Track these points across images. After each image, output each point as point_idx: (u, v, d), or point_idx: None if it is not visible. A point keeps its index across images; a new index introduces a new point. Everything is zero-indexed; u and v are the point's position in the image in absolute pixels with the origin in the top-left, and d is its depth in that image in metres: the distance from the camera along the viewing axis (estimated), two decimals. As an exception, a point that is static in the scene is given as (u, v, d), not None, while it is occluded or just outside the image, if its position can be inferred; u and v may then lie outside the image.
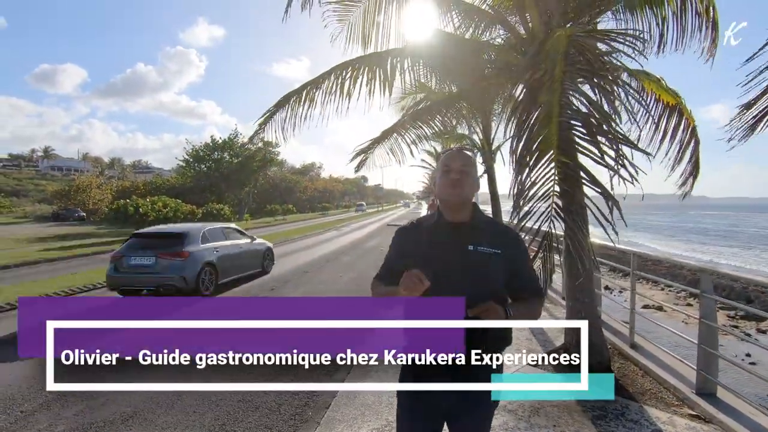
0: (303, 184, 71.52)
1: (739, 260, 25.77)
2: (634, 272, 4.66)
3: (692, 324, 8.52)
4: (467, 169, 1.59)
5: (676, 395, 3.48)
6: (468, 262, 1.52)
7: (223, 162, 43.02)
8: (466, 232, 1.58)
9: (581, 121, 2.83)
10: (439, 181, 1.64)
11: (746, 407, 3.14)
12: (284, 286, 9.07)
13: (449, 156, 1.64)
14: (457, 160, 1.60)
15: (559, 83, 2.74)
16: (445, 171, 1.60)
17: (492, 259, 1.53)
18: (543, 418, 3.16)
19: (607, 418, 3.14)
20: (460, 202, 1.58)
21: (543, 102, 2.78)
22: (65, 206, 41.42)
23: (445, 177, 1.59)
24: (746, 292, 12.20)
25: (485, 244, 1.54)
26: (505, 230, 1.67)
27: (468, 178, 1.59)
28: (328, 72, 4.52)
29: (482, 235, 1.57)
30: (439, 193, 1.62)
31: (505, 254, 1.55)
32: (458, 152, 1.65)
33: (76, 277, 10.25)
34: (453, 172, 1.57)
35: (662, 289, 13.49)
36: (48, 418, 3.47)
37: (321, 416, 3.33)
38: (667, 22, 3.71)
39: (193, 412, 3.53)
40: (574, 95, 2.89)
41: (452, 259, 1.53)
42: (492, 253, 1.54)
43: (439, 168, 1.65)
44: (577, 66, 2.86)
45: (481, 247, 1.54)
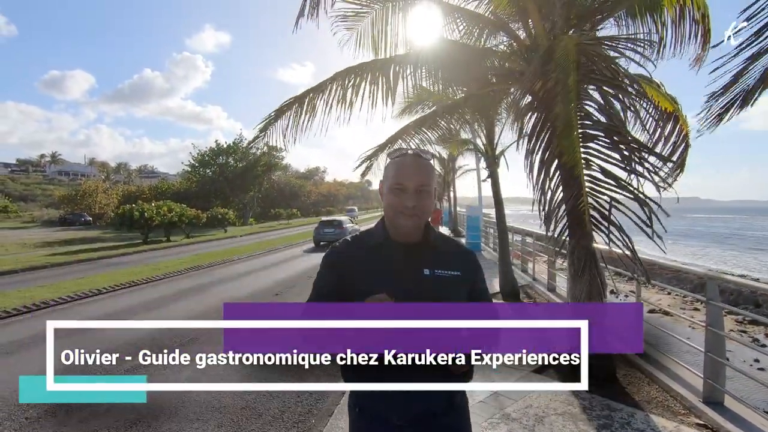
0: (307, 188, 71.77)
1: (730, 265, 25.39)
2: (639, 278, 4.62)
3: (699, 329, 8.41)
4: (427, 188, 1.25)
5: (682, 404, 3.44)
6: (426, 289, 1.25)
7: (227, 166, 43.33)
8: (421, 254, 1.30)
9: (603, 130, 2.81)
10: (387, 199, 1.27)
11: (755, 417, 3.09)
12: (289, 291, 9.08)
13: (401, 167, 1.26)
14: (412, 177, 1.24)
15: (575, 93, 2.72)
16: (396, 188, 1.25)
17: (452, 283, 1.29)
18: (547, 427, 3.13)
19: (612, 427, 3.11)
20: (415, 230, 1.29)
21: (559, 114, 2.74)
22: (72, 211, 41.81)
23: (397, 197, 1.25)
24: (755, 296, 12.04)
25: (443, 266, 1.29)
26: (462, 249, 1.41)
27: (427, 201, 1.25)
28: (331, 78, 4.54)
29: (439, 255, 1.31)
30: (389, 217, 1.30)
31: (465, 276, 1.31)
32: (414, 161, 1.27)
33: (81, 282, 10.31)
34: (408, 194, 1.23)
35: (668, 294, 13.36)
36: (52, 425, 3.49)
37: (324, 424, 3.32)
38: (666, 28, 3.71)
39: (197, 419, 3.54)
40: (590, 105, 2.88)
41: (407, 288, 1.24)
42: (452, 277, 1.29)
43: (388, 180, 1.28)
44: (590, 75, 2.85)
45: (439, 270, 1.28)
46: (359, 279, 1.28)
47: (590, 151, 2.79)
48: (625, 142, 2.73)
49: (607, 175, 2.78)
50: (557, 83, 2.73)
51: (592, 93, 2.97)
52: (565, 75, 2.72)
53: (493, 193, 10.27)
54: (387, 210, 1.29)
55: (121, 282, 10.17)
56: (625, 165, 2.72)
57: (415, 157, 1.28)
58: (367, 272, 1.28)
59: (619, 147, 2.72)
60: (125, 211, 21.78)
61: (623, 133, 2.75)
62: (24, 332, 6.27)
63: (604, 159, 2.80)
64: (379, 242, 1.32)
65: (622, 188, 2.74)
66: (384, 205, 1.30)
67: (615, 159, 2.76)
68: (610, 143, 2.75)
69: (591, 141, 2.78)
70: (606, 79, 2.79)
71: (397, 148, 1.41)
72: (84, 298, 8.69)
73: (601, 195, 2.79)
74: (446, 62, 4.08)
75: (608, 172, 2.79)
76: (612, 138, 2.75)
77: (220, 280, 10.60)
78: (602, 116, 2.88)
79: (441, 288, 1.26)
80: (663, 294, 13.42)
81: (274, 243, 21.02)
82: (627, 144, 2.73)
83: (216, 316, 7.00)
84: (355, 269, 1.30)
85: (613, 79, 2.75)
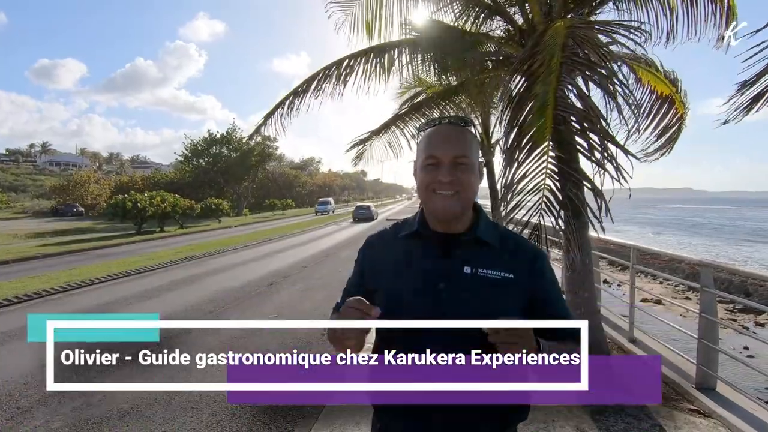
0: (302, 178, 71.45)
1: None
2: (634, 266, 4.64)
3: (690, 317, 8.53)
4: (466, 160, 1.01)
5: (675, 390, 3.47)
6: (463, 293, 1.01)
7: (221, 157, 42.98)
8: (463, 247, 1.05)
9: (576, 115, 2.80)
10: (420, 178, 1.06)
11: (746, 402, 3.13)
12: (283, 282, 9.06)
13: (433, 138, 1.05)
14: (446, 147, 1.01)
15: (555, 75, 2.69)
16: (429, 163, 1.03)
17: (500, 287, 1.02)
18: (541, 413, 3.15)
19: (606, 413, 3.13)
20: (456, 214, 1.04)
21: (538, 93, 2.72)
22: (64, 201, 41.39)
23: (430, 173, 1.02)
24: (745, 285, 12.21)
25: (491, 265, 1.03)
26: (523, 246, 1.11)
27: (469, 175, 1.02)
28: (328, 66, 4.47)
29: (486, 251, 1.05)
30: (423, 200, 1.07)
31: (520, 280, 1.04)
32: (449, 130, 1.05)
33: (73, 273, 10.22)
34: (443, 168, 1.00)
35: (660, 283, 13.50)
36: (45, 415, 3.45)
37: (319, 411, 3.31)
38: (677, 11, 3.62)
39: (190, 408, 3.52)
40: (570, 89, 2.86)
41: (438, 288, 1.02)
42: (500, 279, 1.02)
43: (420, 154, 1.07)
44: (574, 59, 2.82)
45: (483, 270, 1.02)
46: (384, 275, 1.09)
47: (561, 134, 2.80)
48: (595, 131, 2.74)
49: (570, 161, 2.82)
50: (541, 65, 2.72)
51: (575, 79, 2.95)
52: (549, 56, 2.71)
53: (489, 184, 10.26)
54: (420, 191, 1.06)
55: (115, 272, 10.09)
56: (588, 154, 2.74)
57: (450, 126, 1.05)
58: (394, 268, 1.08)
59: (587, 134, 2.73)
60: (118, 201, 21.57)
61: (594, 121, 2.74)
62: (14, 323, 6.20)
63: (571, 144, 2.84)
64: (413, 231, 1.09)
65: (582, 177, 2.80)
66: (417, 186, 1.09)
67: (581, 146, 2.79)
68: (580, 129, 2.76)
69: (562, 124, 2.78)
70: (588, 63, 2.76)
71: (431, 118, 1.18)
72: (76, 288, 8.61)
73: (559, 179, 2.82)
74: (441, 47, 4.02)
75: (571, 158, 2.84)
76: (582, 124, 2.75)
77: (215, 270, 10.55)
78: (578, 101, 2.88)
79: (483, 292, 1.01)
80: (655, 283, 13.57)
81: (267, 233, 20.95)
82: (596, 132, 2.73)
83: (209, 306, 6.98)
84: (381, 263, 1.11)
85: (596, 64, 2.72)
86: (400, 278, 1.06)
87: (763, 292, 11.86)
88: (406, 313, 1.01)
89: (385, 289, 1.07)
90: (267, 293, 7.92)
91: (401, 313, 1.01)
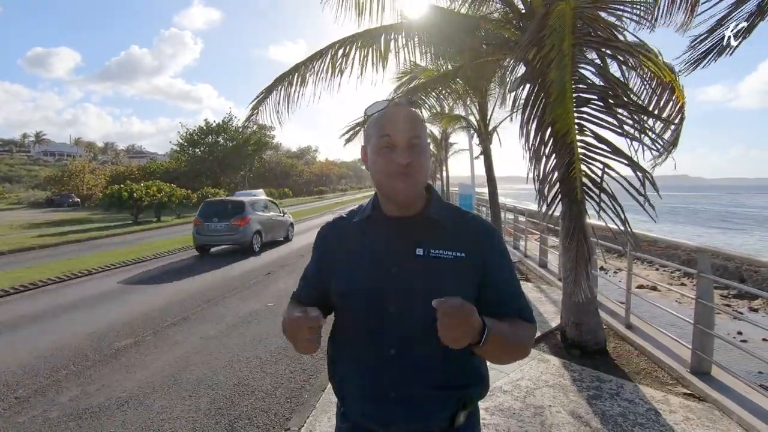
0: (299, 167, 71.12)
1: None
2: (631, 252, 4.65)
3: (686, 303, 8.59)
4: (420, 141, 0.99)
5: (670, 374, 3.50)
6: (415, 275, 0.99)
7: (217, 146, 42.66)
8: (414, 229, 1.04)
9: (597, 93, 2.70)
10: (375, 162, 1.01)
11: (740, 385, 3.15)
12: (281, 270, 9.05)
13: (385, 119, 1.00)
14: (401, 127, 0.98)
15: (569, 58, 2.59)
16: (383, 145, 0.98)
17: (453, 266, 1.00)
18: (538, 398, 3.17)
19: (602, 398, 3.15)
20: (414, 196, 1.02)
21: (553, 80, 2.62)
22: (59, 192, 41.13)
23: (385, 156, 0.98)
24: (739, 271, 12.31)
25: (442, 244, 1.01)
26: (473, 223, 1.08)
27: (423, 157, 0.99)
28: (322, 51, 4.37)
29: (438, 231, 1.03)
30: (379, 185, 1.03)
31: (473, 258, 1.01)
32: (400, 111, 1.01)
33: (70, 263, 10.18)
34: (398, 149, 0.97)
35: (657, 269, 13.59)
36: (42, 404, 3.45)
37: (317, 399, 3.33)
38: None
39: (189, 396, 3.53)
40: (586, 68, 2.77)
41: (391, 271, 1.00)
42: (453, 259, 1.00)
43: (371, 138, 1.02)
44: (587, 38, 2.74)
45: (436, 251, 1.01)
46: (338, 261, 1.09)
47: (583, 116, 2.68)
48: (621, 104, 2.63)
49: (600, 141, 2.66)
50: (552, 49, 2.61)
51: (588, 56, 2.86)
52: (560, 40, 2.60)
53: (486, 170, 10.21)
54: (376, 176, 1.02)
55: (112, 262, 10.06)
56: (619, 129, 2.62)
57: (400, 107, 1.02)
58: (347, 253, 1.08)
59: (613, 110, 2.62)
60: (114, 191, 21.42)
61: (619, 95, 2.64)
62: (11, 314, 6.19)
63: (598, 123, 2.68)
64: (366, 216, 1.08)
65: (616, 153, 2.63)
66: (372, 172, 1.03)
67: (609, 123, 2.66)
68: (604, 106, 2.65)
69: (585, 105, 2.67)
70: (602, 40, 2.68)
71: (376, 101, 1.10)
72: (74, 278, 8.59)
73: (594, 161, 2.69)
74: (437, 31, 3.93)
75: (601, 137, 2.67)
76: (606, 101, 2.65)
77: (212, 260, 10.53)
78: (598, 79, 2.79)
79: (435, 273, 0.99)
80: (651, 270, 13.65)
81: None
82: (623, 106, 2.63)
83: (210, 295, 6.96)
84: (335, 249, 1.11)
85: (612, 40, 2.64)
86: (354, 263, 1.06)
87: (758, 278, 11.96)
88: (360, 297, 1.02)
89: (338, 275, 1.07)
90: (265, 282, 7.92)
91: (355, 298, 1.03)
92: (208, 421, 3.16)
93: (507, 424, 2.84)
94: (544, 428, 2.79)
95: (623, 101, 2.60)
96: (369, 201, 1.12)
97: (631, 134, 2.58)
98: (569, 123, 2.57)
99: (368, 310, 1.01)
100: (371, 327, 1.01)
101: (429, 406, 1.01)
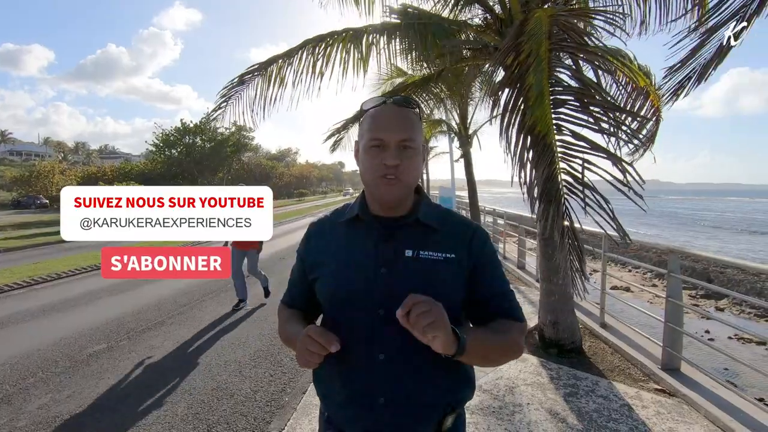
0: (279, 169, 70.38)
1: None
2: (605, 254, 4.79)
3: (657, 303, 8.90)
4: (413, 144, 0.96)
5: (643, 371, 3.62)
6: (404, 277, 0.97)
7: (195, 147, 41.84)
8: (403, 231, 1.01)
9: (574, 94, 2.78)
10: (364, 161, 0.99)
11: (708, 381, 3.29)
12: (260, 273, 8.91)
13: (379, 118, 0.98)
14: (393, 128, 0.96)
15: (546, 62, 2.68)
16: (373, 145, 0.96)
17: (442, 268, 0.98)
18: (517, 396, 3.22)
19: (578, 395, 3.23)
20: (401, 199, 1.00)
21: (532, 83, 2.69)
22: (26, 193, 39.54)
23: (375, 157, 0.96)
24: (707, 272, 12.82)
25: (432, 246, 1.00)
26: (463, 225, 1.06)
27: (414, 160, 0.97)
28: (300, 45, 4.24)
29: (428, 233, 1.02)
30: (367, 184, 1.01)
31: (461, 259, 1.00)
32: (395, 110, 0.99)
33: (37, 267, 9.79)
34: (389, 151, 0.95)
35: (629, 271, 14.01)
36: (8, 413, 3.31)
37: (298, 402, 3.29)
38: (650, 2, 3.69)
39: (165, 402, 3.44)
40: (562, 71, 2.86)
41: (380, 273, 0.98)
42: (442, 260, 0.99)
43: (364, 135, 1.00)
44: (562, 44, 2.82)
45: (425, 252, 0.99)
46: (325, 263, 1.05)
47: (561, 116, 2.77)
48: (596, 103, 2.73)
49: (578, 138, 2.74)
50: (529, 55, 2.69)
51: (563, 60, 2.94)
52: (537, 45, 2.69)
53: (466, 174, 10.36)
54: (364, 175, 1.00)
55: (82, 266, 9.72)
56: (596, 126, 2.70)
57: (396, 106, 0.99)
58: (335, 255, 1.04)
59: (589, 109, 2.71)
60: (85, 192, 20.71)
61: (593, 95, 2.74)
62: (-25, 319, 5.90)
63: (575, 123, 2.76)
64: (353, 216, 1.05)
65: (595, 148, 2.70)
66: (360, 170, 1.01)
67: (586, 121, 2.73)
68: (581, 106, 2.73)
69: (561, 106, 2.76)
70: (577, 45, 2.77)
71: (374, 97, 1.07)
72: (41, 282, 8.26)
73: (574, 159, 2.76)
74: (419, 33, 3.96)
75: (579, 135, 2.74)
76: (582, 101, 2.74)
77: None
78: (573, 81, 2.88)
79: (425, 275, 0.97)
80: (624, 271, 14.07)
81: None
82: (598, 105, 2.72)
83: (187, 298, 6.81)
84: (322, 252, 1.07)
85: (585, 45, 2.73)
86: (341, 265, 1.02)
87: (724, 278, 12.48)
88: (349, 300, 0.99)
89: (326, 277, 1.04)
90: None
91: (343, 301, 1.00)
92: (185, 426, 3.08)
93: (486, 422, 2.88)
94: (523, 426, 2.84)
95: (596, 100, 2.70)
96: (356, 200, 1.09)
97: (608, 130, 2.67)
98: (548, 124, 2.65)
99: (356, 313, 0.98)
100: (359, 330, 0.98)
101: (418, 411, 0.99)
